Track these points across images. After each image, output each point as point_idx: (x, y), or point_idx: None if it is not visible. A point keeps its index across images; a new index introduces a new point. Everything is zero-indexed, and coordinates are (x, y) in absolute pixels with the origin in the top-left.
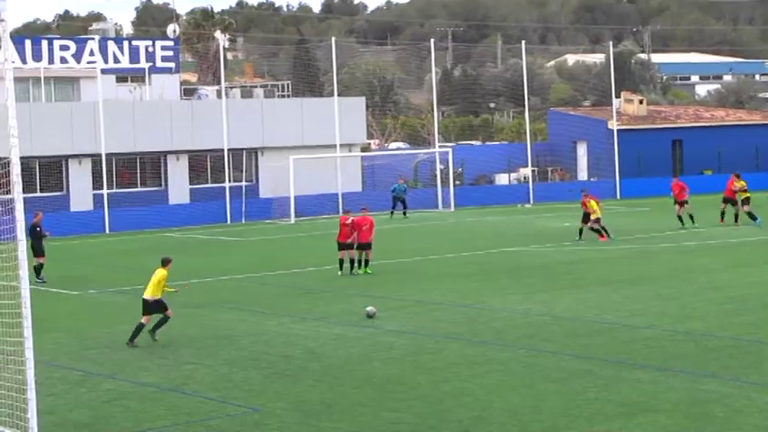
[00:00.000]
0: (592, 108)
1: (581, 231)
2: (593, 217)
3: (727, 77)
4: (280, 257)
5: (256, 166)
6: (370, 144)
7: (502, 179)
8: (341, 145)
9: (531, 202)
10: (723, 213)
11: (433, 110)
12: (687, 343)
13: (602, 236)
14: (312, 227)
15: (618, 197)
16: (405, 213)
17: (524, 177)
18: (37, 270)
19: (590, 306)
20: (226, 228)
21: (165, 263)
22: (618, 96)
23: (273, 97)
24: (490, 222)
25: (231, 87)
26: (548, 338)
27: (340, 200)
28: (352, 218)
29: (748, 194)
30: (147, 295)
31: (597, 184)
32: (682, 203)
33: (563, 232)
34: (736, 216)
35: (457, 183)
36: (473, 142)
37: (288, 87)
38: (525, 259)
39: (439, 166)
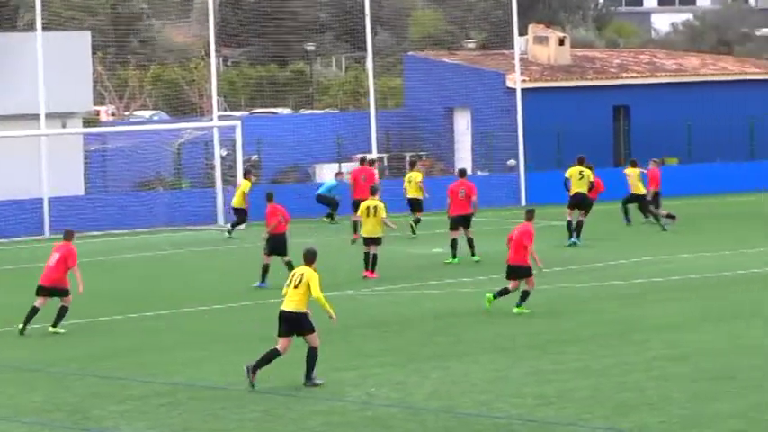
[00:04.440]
0: (480, 53)
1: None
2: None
3: (704, 2)
4: None
5: None
6: (99, 113)
7: (327, 174)
8: (48, 116)
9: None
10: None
11: (208, 55)
12: None
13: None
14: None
15: (523, 202)
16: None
17: None
18: None
19: (471, 388)
20: None
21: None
22: (523, 33)
23: None
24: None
25: None
26: None
27: (46, 210)
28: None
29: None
30: None
31: (487, 180)
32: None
33: (432, 263)
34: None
35: (251, 179)
36: (278, 110)
37: None
38: (367, 310)
39: (219, 152)
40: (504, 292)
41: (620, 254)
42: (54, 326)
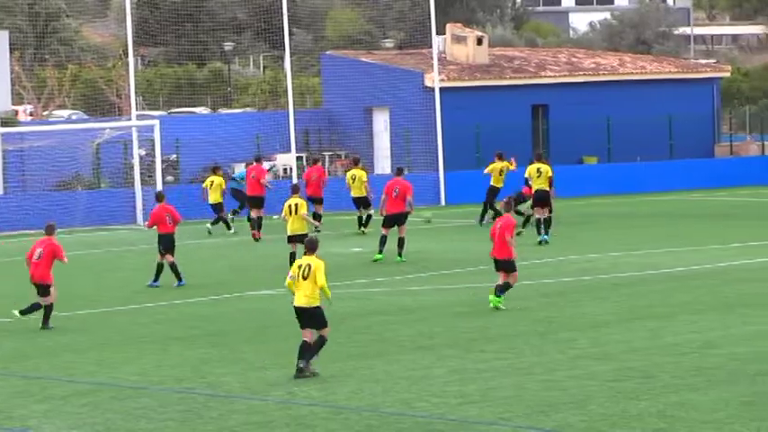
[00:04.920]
0: (398, 52)
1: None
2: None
3: (622, 2)
4: None
5: None
6: (17, 113)
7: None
8: None
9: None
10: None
11: (126, 54)
12: None
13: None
14: None
15: (442, 202)
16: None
17: (284, 170)
18: None
19: (393, 387)
20: None
21: None
22: (441, 32)
23: None
24: (219, 247)
25: None
26: None
27: None
28: None
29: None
30: None
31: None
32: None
33: (352, 262)
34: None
35: (168, 179)
36: (196, 110)
37: None
38: (287, 309)
39: (137, 152)
40: (506, 287)
41: (545, 252)
42: (43, 325)
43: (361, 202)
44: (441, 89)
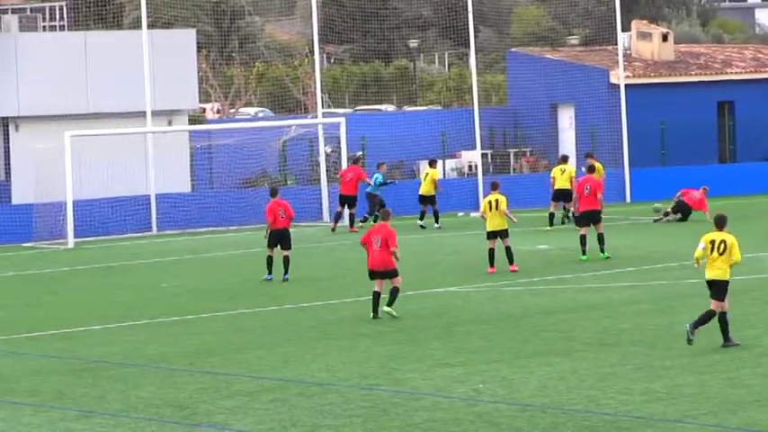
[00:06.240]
0: (583, 49)
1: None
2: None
3: None
4: (39, 317)
5: (7, 150)
6: (205, 111)
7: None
8: (154, 113)
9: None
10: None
11: (312, 52)
12: None
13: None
14: (105, 255)
15: (627, 199)
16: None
17: (469, 167)
18: None
19: (578, 384)
20: None
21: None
22: (627, 29)
23: (37, 30)
24: (420, 242)
25: None
26: None
27: (153, 207)
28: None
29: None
30: None
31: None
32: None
33: (537, 259)
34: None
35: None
36: (382, 107)
37: (62, 12)
38: (470, 307)
39: (323, 149)
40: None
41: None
42: (389, 305)
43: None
44: (626, 86)
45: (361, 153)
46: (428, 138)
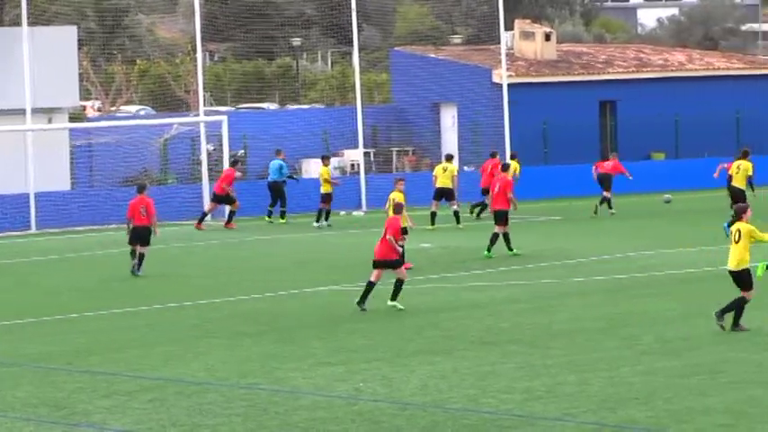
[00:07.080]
0: (466, 48)
1: None
2: None
3: None
4: None
5: None
6: (85, 109)
7: (314, 168)
8: (34, 110)
9: (365, 207)
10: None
11: (194, 50)
12: None
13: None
14: None
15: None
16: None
17: (351, 166)
18: None
19: (459, 383)
20: None
21: None
22: (510, 28)
23: None
24: (291, 243)
25: None
26: None
27: (33, 206)
28: None
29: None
30: None
31: (475, 175)
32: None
33: (421, 258)
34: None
35: (237, 175)
36: (264, 105)
37: None
38: (353, 306)
39: (205, 147)
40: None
41: (611, 247)
42: (393, 299)
43: (447, 194)
44: (508, 85)
45: (242, 152)
46: (310, 136)
